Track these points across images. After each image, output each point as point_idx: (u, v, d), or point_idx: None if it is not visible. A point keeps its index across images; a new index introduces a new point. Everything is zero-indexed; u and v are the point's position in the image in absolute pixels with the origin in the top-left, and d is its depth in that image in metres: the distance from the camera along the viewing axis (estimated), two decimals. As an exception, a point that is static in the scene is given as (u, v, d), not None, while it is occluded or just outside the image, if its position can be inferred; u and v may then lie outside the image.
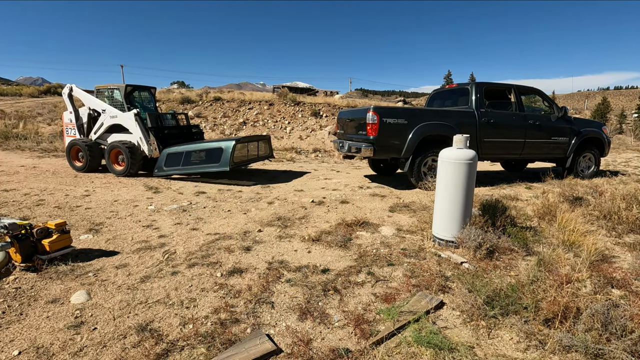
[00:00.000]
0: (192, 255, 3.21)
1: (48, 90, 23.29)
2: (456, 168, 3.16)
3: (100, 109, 7.75)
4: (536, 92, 6.89)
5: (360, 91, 60.98)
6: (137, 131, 7.37)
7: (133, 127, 7.43)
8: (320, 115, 15.55)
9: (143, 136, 7.35)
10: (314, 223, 4.18)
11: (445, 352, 1.85)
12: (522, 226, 3.80)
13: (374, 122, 5.53)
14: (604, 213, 4.13)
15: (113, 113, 7.60)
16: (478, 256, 2.97)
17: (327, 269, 2.92)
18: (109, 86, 8.11)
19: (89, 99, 7.93)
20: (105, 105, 7.70)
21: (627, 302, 2.30)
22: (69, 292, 2.54)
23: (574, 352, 1.86)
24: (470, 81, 7.22)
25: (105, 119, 7.73)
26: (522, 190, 5.95)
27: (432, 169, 6.06)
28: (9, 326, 2.14)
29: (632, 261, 3.08)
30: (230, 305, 2.37)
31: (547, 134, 6.66)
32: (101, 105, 7.74)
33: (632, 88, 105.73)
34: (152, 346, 1.94)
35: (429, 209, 4.62)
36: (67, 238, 3.13)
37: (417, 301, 2.34)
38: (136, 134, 7.38)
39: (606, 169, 8.42)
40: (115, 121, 7.61)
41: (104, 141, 7.90)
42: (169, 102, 16.47)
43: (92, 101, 7.88)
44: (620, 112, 43.26)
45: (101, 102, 7.77)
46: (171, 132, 7.97)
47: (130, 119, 7.41)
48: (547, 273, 2.45)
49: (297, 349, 1.93)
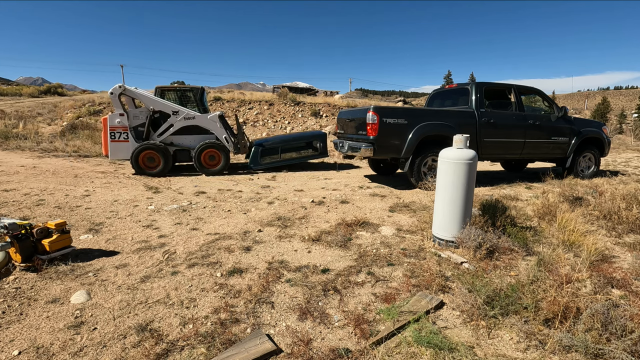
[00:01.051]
0: (192, 255, 3.21)
1: (48, 90, 23.29)
2: (456, 168, 3.16)
3: (172, 110, 7.72)
4: (536, 92, 6.89)
5: (360, 91, 61.00)
6: (221, 131, 7.91)
7: (217, 128, 7.89)
8: (320, 115, 15.55)
9: (227, 136, 7.94)
10: (314, 223, 4.18)
11: (445, 352, 1.84)
12: (522, 226, 3.80)
13: (374, 122, 5.53)
14: (604, 213, 4.13)
15: (189, 115, 7.75)
16: (478, 256, 2.97)
17: (327, 269, 2.92)
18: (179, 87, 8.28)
19: (154, 100, 7.72)
20: (177, 107, 7.75)
21: (627, 302, 2.30)
22: (69, 292, 2.54)
23: (574, 352, 1.86)
24: (470, 81, 7.21)
25: (177, 120, 7.72)
26: (522, 190, 5.95)
27: (432, 169, 6.06)
28: (9, 326, 2.14)
29: (632, 261, 3.08)
30: (230, 305, 2.37)
31: (547, 134, 6.66)
32: (173, 107, 7.72)
33: (632, 88, 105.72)
34: (152, 346, 1.94)
35: (429, 209, 4.62)
36: (67, 238, 3.13)
37: (417, 301, 2.34)
38: (220, 134, 7.91)
39: (606, 169, 8.42)
40: (191, 122, 7.77)
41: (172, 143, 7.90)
42: (169, 102, 16.47)
43: (158, 102, 7.70)
44: (620, 112, 43.27)
45: (172, 104, 7.76)
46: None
47: (214, 121, 7.87)
48: (547, 273, 2.45)
49: (297, 349, 1.93)
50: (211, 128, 7.91)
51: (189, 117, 7.76)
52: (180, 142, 7.89)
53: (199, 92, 8.30)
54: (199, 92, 8.28)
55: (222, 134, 7.92)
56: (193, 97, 8.22)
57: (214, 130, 7.92)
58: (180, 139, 7.89)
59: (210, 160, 7.79)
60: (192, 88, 8.27)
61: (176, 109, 7.74)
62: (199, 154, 7.65)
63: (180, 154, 7.94)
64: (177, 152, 7.89)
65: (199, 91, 8.30)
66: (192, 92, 8.23)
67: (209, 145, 7.68)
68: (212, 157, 7.81)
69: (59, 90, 23.55)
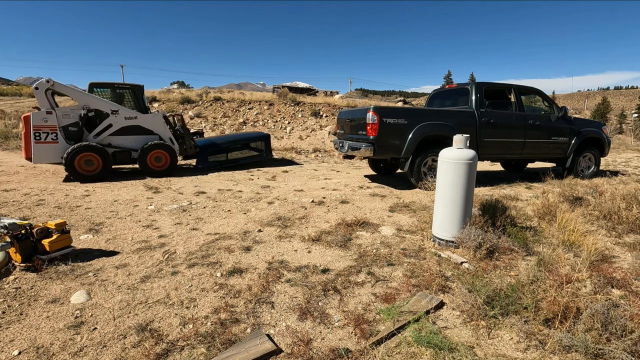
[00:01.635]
0: (192, 255, 3.21)
1: (48, 90, 23.27)
2: (456, 168, 3.16)
3: (111, 109, 7.09)
4: (536, 92, 6.89)
5: (360, 91, 60.99)
6: (166, 132, 7.58)
7: (161, 129, 7.50)
8: (320, 115, 15.55)
9: (173, 136, 7.65)
10: (314, 223, 4.18)
11: (445, 352, 1.84)
12: (522, 226, 3.80)
13: (374, 122, 5.53)
14: (604, 213, 4.13)
15: (130, 114, 7.24)
16: (478, 256, 2.97)
17: (327, 269, 2.92)
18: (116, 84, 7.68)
19: (90, 98, 7.06)
20: (117, 105, 7.18)
21: (627, 302, 2.30)
22: (69, 292, 2.54)
23: (574, 352, 1.86)
24: (470, 81, 7.22)
25: (116, 120, 7.13)
26: (522, 190, 5.96)
27: (432, 169, 6.06)
28: (9, 326, 2.14)
29: (632, 261, 3.08)
30: (230, 305, 2.37)
31: (547, 134, 6.66)
32: (111, 105, 7.12)
33: (632, 88, 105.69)
34: (152, 346, 1.94)
35: (429, 209, 4.62)
36: (67, 238, 3.13)
37: (417, 301, 2.34)
38: (165, 135, 7.57)
39: (606, 169, 8.42)
40: (132, 123, 7.28)
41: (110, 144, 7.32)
42: (169, 102, 16.47)
43: (94, 100, 7.05)
44: (620, 112, 43.28)
45: (111, 102, 7.21)
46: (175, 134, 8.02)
47: (158, 121, 7.48)
48: (547, 273, 2.45)
49: (297, 349, 1.93)
50: (155, 128, 7.47)
51: (130, 117, 7.21)
52: (119, 143, 7.28)
53: (139, 90, 7.80)
54: (139, 91, 7.78)
55: (167, 134, 7.59)
56: (132, 95, 7.72)
57: (158, 130, 7.49)
58: (120, 139, 7.28)
59: (156, 161, 7.38)
60: (131, 86, 7.75)
61: (116, 107, 7.12)
62: (145, 155, 7.22)
63: (120, 155, 7.31)
64: (116, 153, 7.25)
65: (139, 89, 7.80)
66: (131, 90, 7.71)
67: (155, 146, 7.27)
68: (159, 159, 7.41)
69: (59, 90, 23.53)
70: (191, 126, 14.05)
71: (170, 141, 7.65)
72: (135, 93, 7.76)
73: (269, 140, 9.36)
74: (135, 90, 7.77)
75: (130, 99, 7.77)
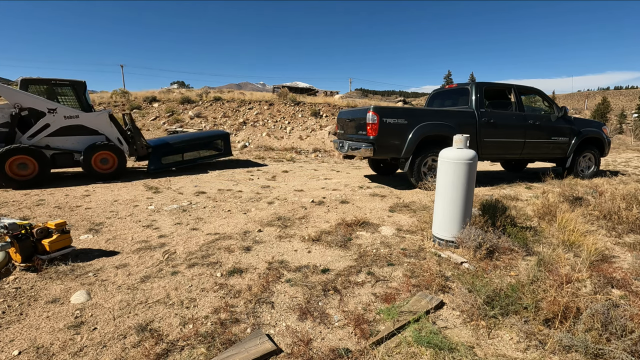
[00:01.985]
0: (192, 255, 3.21)
1: (48, 90, 23.26)
2: (456, 168, 3.16)
3: (47, 107, 6.45)
4: (536, 92, 6.89)
5: (360, 91, 60.96)
6: (113, 132, 7.11)
7: (107, 128, 7.01)
8: (320, 115, 15.55)
9: (122, 136, 7.19)
10: (314, 223, 4.18)
11: (445, 352, 1.84)
12: (522, 226, 3.80)
13: (374, 122, 5.53)
14: (604, 213, 4.13)
15: (70, 113, 6.62)
16: (478, 256, 2.97)
17: (327, 269, 2.92)
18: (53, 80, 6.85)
19: (22, 95, 6.32)
20: (54, 104, 6.54)
21: (627, 302, 2.30)
22: (69, 292, 2.54)
23: (574, 352, 1.86)
24: (470, 81, 7.21)
25: (54, 119, 6.51)
26: (522, 190, 5.96)
27: (432, 169, 6.06)
28: (9, 326, 2.14)
29: (632, 261, 3.08)
30: (230, 305, 2.37)
31: (547, 134, 6.66)
32: (49, 104, 6.48)
33: (632, 88, 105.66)
34: (152, 346, 1.94)
35: (429, 209, 4.62)
36: (67, 238, 3.13)
37: (417, 301, 2.34)
38: (113, 135, 7.11)
39: (606, 169, 8.42)
40: (73, 122, 6.66)
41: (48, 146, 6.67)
42: (169, 102, 16.46)
43: (28, 98, 6.34)
44: (620, 112, 43.29)
45: (48, 100, 6.54)
46: None
47: (103, 120, 6.96)
48: (547, 273, 2.45)
49: (297, 349, 1.93)
50: (100, 128, 6.95)
51: (70, 116, 6.62)
52: (60, 144, 6.69)
53: (81, 87, 7.03)
54: (80, 87, 7.00)
55: (114, 134, 7.11)
56: (73, 92, 6.97)
57: (103, 130, 6.99)
58: (59, 140, 6.69)
59: (102, 163, 6.89)
60: (71, 82, 6.96)
61: (53, 106, 6.50)
62: (89, 157, 6.68)
63: (61, 158, 6.73)
64: (56, 156, 6.69)
65: (81, 86, 7.02)
66: (72, 87, 6.93)
67: (101, 147, 6.76)
68: (105, 160, 6.91)
69: (59, 90, 23.53)
70: (191, 126, 14.05)
71: (119, 141, 7.22)
72: (76, 90, 7.00)
73: (229, 139, 9.03)
74: (77, 86, 7.00)
75: (70, 97, 7.04)
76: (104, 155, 6.89)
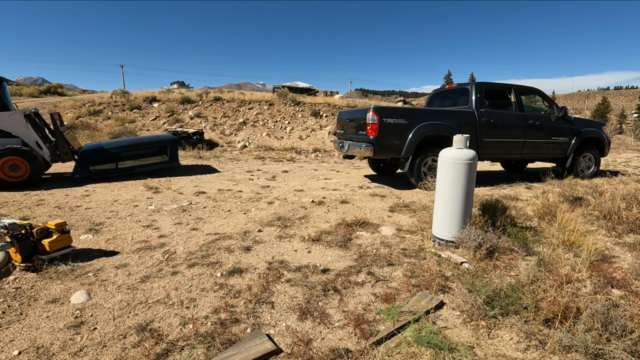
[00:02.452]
0: (192, 255, 3.21)
1: (48, 90, 23.25)
2: (456, 168, 3.16)
3: None
4: (536, 92, 6.89)
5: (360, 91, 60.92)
6: (30, 134, 6.12)
7: (22, 130, 6.05)
8: (320, 115, 15.55)
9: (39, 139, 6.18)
10: (314, 223, 4.18)
11: (445, 352, 1.85)
12: (522, 226, 3.80)
13: (374, 122, 5.53)
14: (604, 213, 4.13)
15: None
16: (478, 256, 2.97)
17: (327, 269, 2.92)
18: None
19: None
20: None
21: (627, 302, 2.30)
22: (69, 292, 2.54)
23: (574, 352, 1.86)
24: (470, 81, 7.22)
25: None
26: (522, 190, 5.95)
27: (432, 169, 6.06)
28: (9, 326, 2.14)
29: (632, 261, 3.08)
30: (230, 305, 2.37)
31: (547, 134, 6.66)
32: None
33: (632, 88, 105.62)
34: (152, 346, 1.94)
35: (429, 209, 4.62)
36: (67, 238, 3.13)
37: (417, 301, 2.34)
38: (29, 138, 6.12)
39: (606, 169, 8.42)
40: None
41: None
42: (169, 102, 16.46)
43: None
44: (620, 112, 43.29)
45: None
46: None
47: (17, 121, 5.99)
48: (547, 273, 2.45)
49: (297, 349, 1.93)
50: (15, 130, 6.00)
51: None
52: None
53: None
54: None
55: (31, 137, 6.12)
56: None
57: (18, 132, 6.02)
58: None
59: (12, 170, 5.89)
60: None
61: None
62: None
63: None
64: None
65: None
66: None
67: (8, 152, 5.78)
68: (15, 167, 5.89)
69: (59, 90, 23.51)
70: (191, 126, 14.05)
71: (38, 145, 6.25)
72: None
73: (176, 145, 7.81)
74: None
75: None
76: (13, 161, 5.88)
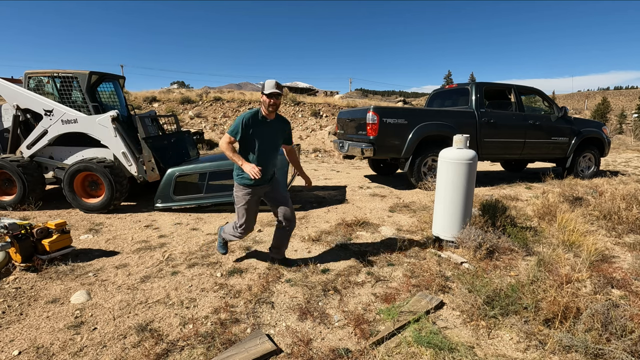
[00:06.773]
0: (192, 255, 3.21)
1: (48, 90, 23.25)
2: (456, 168, 3.16)
3: (44, 108, 4.79)
4: (536, 92, 6.89)
5: (360, 91, 60.87)
6: (117, 143, 4.69)
7: (109, 138, 4.70)
8: (320, 115, 15.55)
9: (128, 150, 4.72)
10: (314, 223, 4.18)
11: (445, 352, 1.84)
12: (522, 226, 3.80)
13: (374, 122, 5.53)
14: (604, 213, 4.13)
15: (69, 116, 4.75)
16: (478, 256, 2.97)
17: (327, 269, 2.92)
18: (55, 72, 4.98)
19: (17, 92, 4.87)
20: (52, 103, 4.79)
21: (627, 302, 2.30)
22: (69, 292, 2.54)
23: (574, 352, 1.86)
24: (470, 81, 7.21)
25: (51, 124, 4.79)
26: (522, 190, 5.95)
27: (432, 169, 6.06)
28: (9, 326, 2.14)
29: (632, 261, 3.08)
30: (230, 305, 2.36)
31: (547, 134, 6.66)
32: (46, 103, 4.79)
33: (632, 88, 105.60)
34: (152, 346, 1.94)
35: (429, 209, 4.62)
36: (67, 238, 3.13)
37: (417, 301, 2.34)
38: (116, 148, 4.72)
39: (606, 169, 8.41)
40: (72, 129, 4.78)
41: (47, 159, 5.05)
42: (169, 102, 16.46)
43: (23, 97, 4.85)
44: (620, 112, 43.27)
45: (45, 99, 4.83)
46: (155, 143, 4.95)
47: (103, 125, 4.67)
48: (547, 273, 2.44)
49: (297, 349, 1.93)
50: (103, 137, 4.74)
51: (69, 120, 4.76)
52: (63, 156, 5.04)
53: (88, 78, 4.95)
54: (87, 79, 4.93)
55: (118, 147, 4.70)
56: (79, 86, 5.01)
57: (105, 140, 4.74)
58: (63, 152, 5.02)
59: (92, 188, 4.79)
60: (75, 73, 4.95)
61: (49, 106, 4.77)
62: (70, 178, 4.60)
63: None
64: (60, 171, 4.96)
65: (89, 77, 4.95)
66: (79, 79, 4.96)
67: (83, 168, 4.56)
68: (95, 185, 4.75)
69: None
70: (191, 126, 14.05)
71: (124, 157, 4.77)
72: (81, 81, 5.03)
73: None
74: (81, 78, 5.01)
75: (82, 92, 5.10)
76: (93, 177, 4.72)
